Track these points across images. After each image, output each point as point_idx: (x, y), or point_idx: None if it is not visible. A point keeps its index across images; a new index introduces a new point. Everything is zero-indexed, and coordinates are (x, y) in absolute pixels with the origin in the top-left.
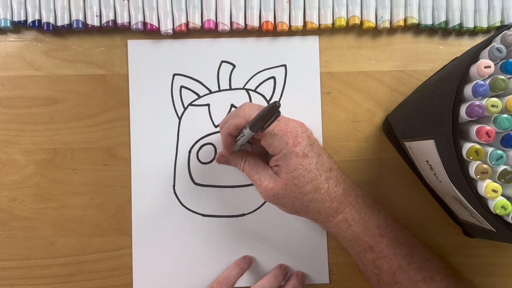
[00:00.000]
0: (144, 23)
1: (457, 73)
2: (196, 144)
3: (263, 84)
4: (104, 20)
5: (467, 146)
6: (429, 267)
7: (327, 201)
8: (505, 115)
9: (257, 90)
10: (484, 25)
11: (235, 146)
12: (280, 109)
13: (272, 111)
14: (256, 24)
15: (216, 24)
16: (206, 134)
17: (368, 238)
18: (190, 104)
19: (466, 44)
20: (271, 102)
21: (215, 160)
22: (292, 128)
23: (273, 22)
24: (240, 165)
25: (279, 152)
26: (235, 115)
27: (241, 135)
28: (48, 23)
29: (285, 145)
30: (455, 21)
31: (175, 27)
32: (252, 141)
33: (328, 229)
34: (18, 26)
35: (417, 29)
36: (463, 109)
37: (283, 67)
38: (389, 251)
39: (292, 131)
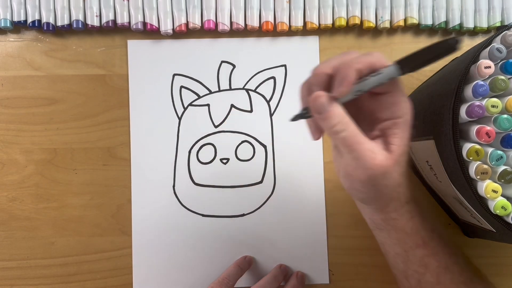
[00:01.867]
0: (144, 23)
1: (457, 73)
2: (196, 144)
3: (263, 84)
4: (104, 20)
5: (467, 146)
6: (469, 269)
7: (404, 186)
8: (505, 116)
9: (257, 90)
10: (484, 25)
11: (350, 92)
12: (280, 109)
13: (450, 47)
14: (256, 24)
15: (216, 24)
16: (206, 134)
17: (425, 232)
18: (190, 104)
19: (466, 44)
20: (448, 38)
21: (310, 99)
22: None
23: (273, 22)
24: (340, 125)
25: (402, 116)
26: (367, 54)
27: (365, 79)
28: (48, 23)
29: (409, 111)
30: (455, 21)
31: (175, 27)
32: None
33: (388, 221)
34: (18, 26)
35: (417, 29)
36: (463, 109)
37: (283, 67)
38: (439, 249)
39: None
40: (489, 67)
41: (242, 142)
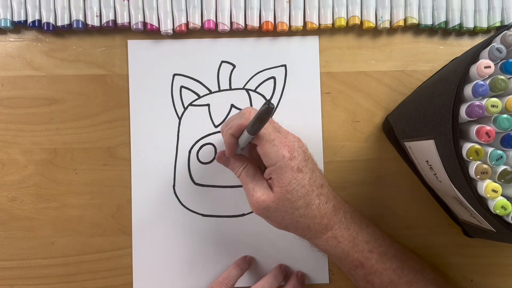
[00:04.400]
0: (144, 23)
1: (457, 73)
2: (196, 144)
3: (263, 84)
4: (104, 20)
5: (467, 146)
6: (419, 279)
7: (317, 217)
8: (505, 115)
9: (257, 90)
10: (484, 25)
11: (237, 148)
12: (281, 109)
13: (267, 112)
14: (256, 24)
15: (216, 24)
16: (206, 134)
17: (358, 254)
18: (190, 104)
19: (466, 44)
20: (264, 102)
21: (215, 158)
22: (290, 142)
23: (273, 22)
24: (238, 170)
25: (274, 164)
26: (239, 116)
27: (242, 137)
28: (48, 23)
29: (282, 157)
30: (455, 21)
31: (175, 27)
32: (249, 150)
33: (317, 246)
34: (18, 26)
35: (417, 29)
36: (463, 109)
37: (283, 67)
38: (379, 266)
39: (290, 145)
40: (489, 67)
41: None
